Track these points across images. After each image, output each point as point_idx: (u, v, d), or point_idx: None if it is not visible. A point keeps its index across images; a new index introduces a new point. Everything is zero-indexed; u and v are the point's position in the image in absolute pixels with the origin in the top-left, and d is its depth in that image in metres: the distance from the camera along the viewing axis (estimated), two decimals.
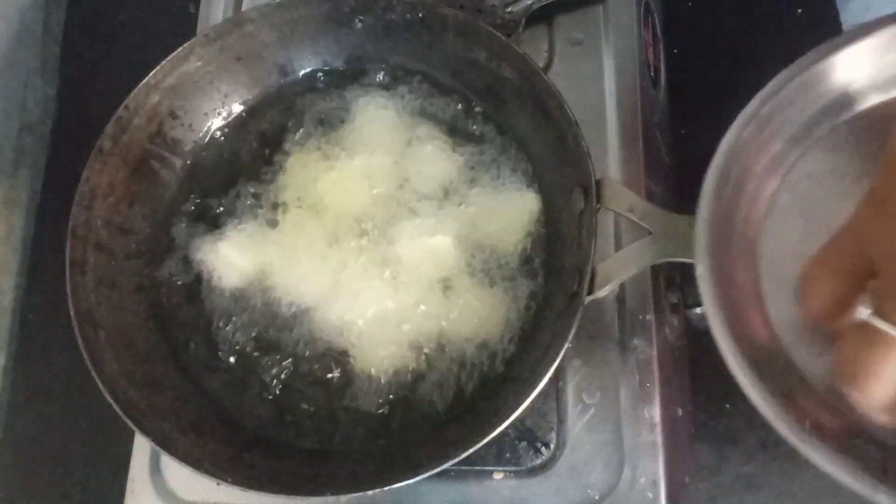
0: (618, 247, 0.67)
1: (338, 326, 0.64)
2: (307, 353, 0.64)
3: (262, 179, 0.70)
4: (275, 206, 0.68)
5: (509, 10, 0.72)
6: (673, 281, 0.71)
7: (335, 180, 0.68)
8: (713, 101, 0.87)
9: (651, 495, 0.61)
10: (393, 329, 0.63)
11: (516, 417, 0.52)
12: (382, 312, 0.64)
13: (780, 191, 0.48)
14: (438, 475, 0.53)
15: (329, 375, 0.63)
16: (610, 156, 0.71)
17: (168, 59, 0.65)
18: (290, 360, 0.64)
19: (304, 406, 0.63)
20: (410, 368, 0.63)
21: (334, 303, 0.64)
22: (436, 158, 0.68)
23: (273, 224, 0.68)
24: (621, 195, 0.57)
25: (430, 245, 0.65)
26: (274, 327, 0.65)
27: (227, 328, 0.65)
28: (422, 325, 0.63)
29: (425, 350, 0.63)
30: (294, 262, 0.66)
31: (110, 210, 0.64)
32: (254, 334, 0.65)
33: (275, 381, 0.63)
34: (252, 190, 0.69)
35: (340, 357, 0.63)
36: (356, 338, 0.63)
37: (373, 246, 0.66)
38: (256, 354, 0.64)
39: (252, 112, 0.73)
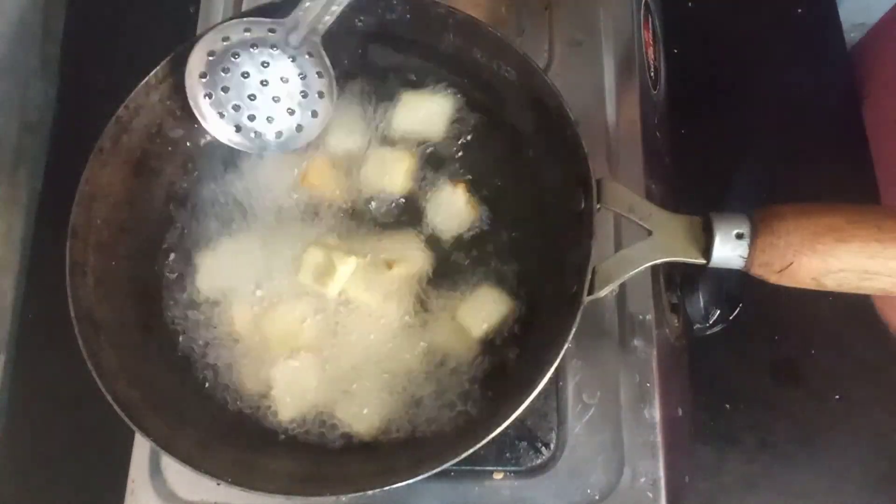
0: (618, 247, 0.67)
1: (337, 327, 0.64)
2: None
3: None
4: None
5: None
6: (673, 281, 0.71)
7: (333, 180, 0.69)
8: (713, 101, 0.87)
9: (651, 495, 0.61)
10: (391, 329, 0.63)
11: (516, 417, 0.52)
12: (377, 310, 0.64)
13: None
14: (438, 475, 0.53)
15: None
16: (610, 156, 0.71)
17: (168, 59, 0.65)
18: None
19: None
20: (410, 368, 0.63)
21: (333, 301, 0.64)
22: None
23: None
24: (621, 195, 0.57)
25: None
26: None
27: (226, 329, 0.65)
28: (419, 326, 0.63)
29: (425, 351, 0.63)
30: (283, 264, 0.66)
31: (110, 210, 0.64)
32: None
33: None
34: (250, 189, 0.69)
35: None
36: (356, 338, 0.63)
37: (373, 246, 0.66)
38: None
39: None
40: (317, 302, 0.64)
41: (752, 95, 0.87)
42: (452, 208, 0.67)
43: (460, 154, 0.69)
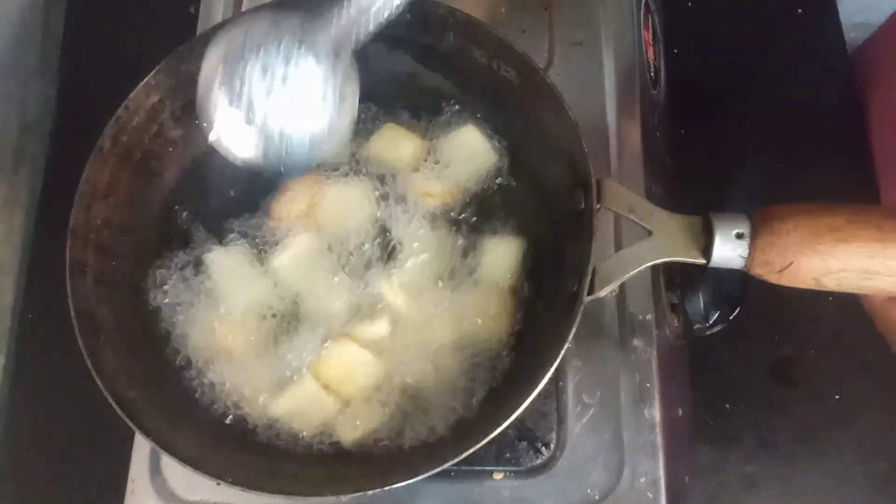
0: (618, 247, 0.67)
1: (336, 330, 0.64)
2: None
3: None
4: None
5: None
6: (673, 281, 0.71)
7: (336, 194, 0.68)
8: (713, 101, 0.87)
9: (651, 495, 0.61)
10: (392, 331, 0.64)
11: (516, 417, 0.52)
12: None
13: None
14: (438, 475, 0.53)
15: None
16: (610, 156, 0.71)
17: (168, 59, 0.64)
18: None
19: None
20: (410, 368, 0.63)
21: (331, 309, 0.64)
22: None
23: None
24: (621, 195, 0.57)
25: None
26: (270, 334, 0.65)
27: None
28: (421, 327, 0.63)
29: (425, 350, 0.63)
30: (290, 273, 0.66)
31: (110, 210, 0.64)
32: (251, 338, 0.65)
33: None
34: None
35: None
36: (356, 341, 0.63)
37: (371, 252, 0.66)
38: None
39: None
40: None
41: (752, 95, 0.87)
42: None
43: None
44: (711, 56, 0.89)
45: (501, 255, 0.65)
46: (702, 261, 0.53)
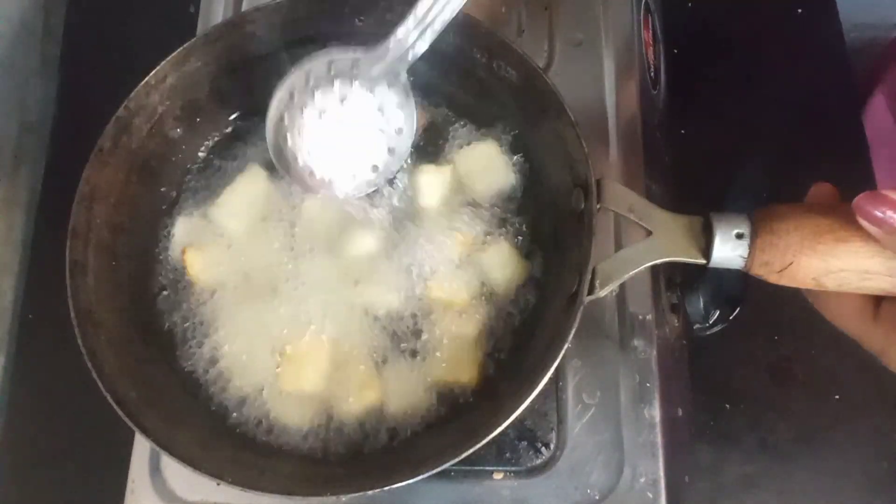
0: (618, 247, 0.67)
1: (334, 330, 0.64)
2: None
3: None
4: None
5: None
6: (673, 281, 0.71)
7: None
8: (713, 101, 0.87)
9: (651, 495, 0.62)
10: (391, 332, 0.64)
11: (516, 417, 0.52)
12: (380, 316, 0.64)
13: None
14: (438, 475, 0.53)
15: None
16: (610, 156, 0.71)
17: (168, 59, 0.64)
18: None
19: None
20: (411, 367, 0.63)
21: (330, 305, 0.64)
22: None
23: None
24: (621, 195, 0.57)
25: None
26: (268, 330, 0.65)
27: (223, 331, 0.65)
28: (420, 326, 0.64)
29: (426, 349, 0.63)
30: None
31: (110, 210, 0.64)
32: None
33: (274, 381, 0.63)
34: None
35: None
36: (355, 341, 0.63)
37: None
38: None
39: (251, 112, 0.73)
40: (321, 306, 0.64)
41: (752, 95, 0.87)
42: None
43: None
44: (711, 56, 0.89)
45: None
46: (702, 261, 0.53)
